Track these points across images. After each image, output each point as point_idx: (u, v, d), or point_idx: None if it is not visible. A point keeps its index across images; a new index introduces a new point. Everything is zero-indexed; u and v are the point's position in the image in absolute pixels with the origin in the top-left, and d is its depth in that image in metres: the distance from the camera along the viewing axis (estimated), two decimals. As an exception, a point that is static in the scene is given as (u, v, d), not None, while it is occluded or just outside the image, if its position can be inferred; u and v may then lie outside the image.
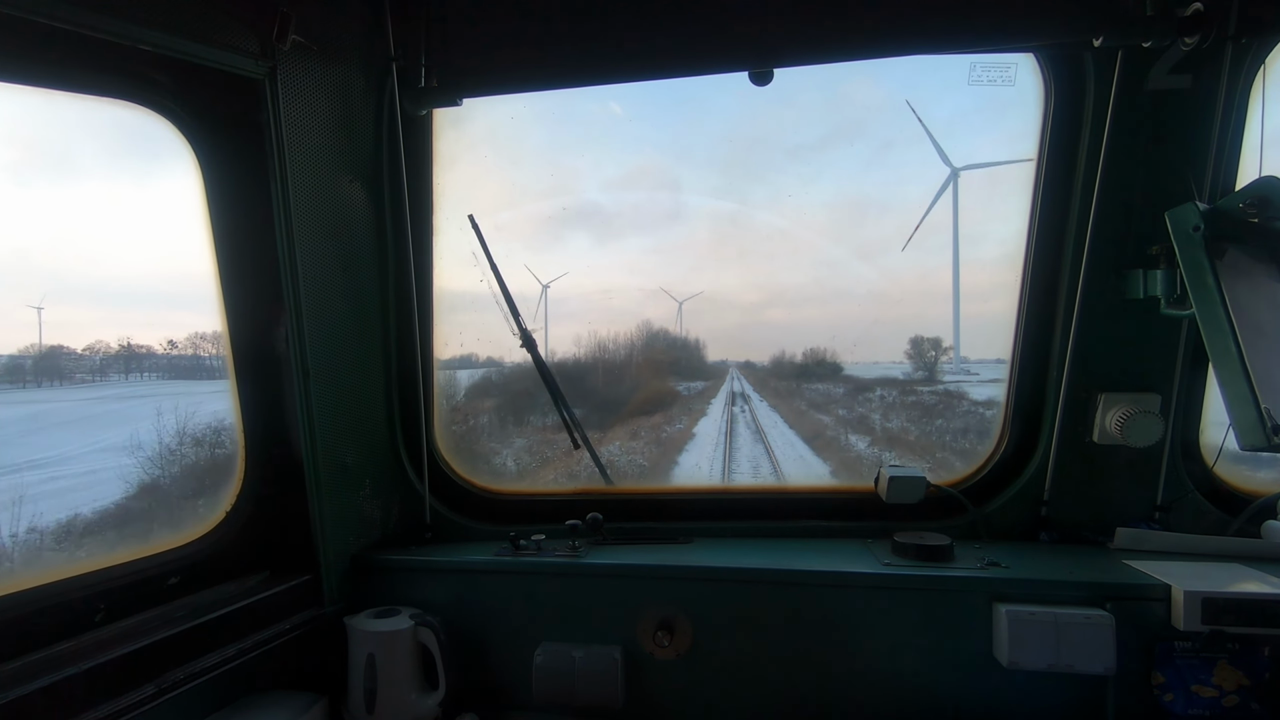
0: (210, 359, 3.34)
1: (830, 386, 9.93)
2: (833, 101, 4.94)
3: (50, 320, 3.16)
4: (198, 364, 3.45)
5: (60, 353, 3.87)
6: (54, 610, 1.47)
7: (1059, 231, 1.97)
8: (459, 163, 2.20)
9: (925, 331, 7.86)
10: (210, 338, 3.32)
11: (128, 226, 2.43)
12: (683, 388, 9.39)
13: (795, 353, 9.40)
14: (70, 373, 3.97)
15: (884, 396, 9.42)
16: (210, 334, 3.08)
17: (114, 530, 2.62)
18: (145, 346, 4.08)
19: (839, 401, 9.72)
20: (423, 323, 2.18)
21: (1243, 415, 1.49)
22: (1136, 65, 1.79)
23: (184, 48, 1.51)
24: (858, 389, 9.68)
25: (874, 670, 1.77)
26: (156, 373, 4.01)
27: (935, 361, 8.39)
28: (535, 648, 1.88)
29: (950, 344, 7.49)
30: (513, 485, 2.34)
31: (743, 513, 2.21)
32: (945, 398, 8.07)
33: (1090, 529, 1.99)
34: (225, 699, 1.68)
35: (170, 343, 3.57)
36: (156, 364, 4.02)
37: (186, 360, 3.57)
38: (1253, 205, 1.57)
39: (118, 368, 4.08)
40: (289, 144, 1.71)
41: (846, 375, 9.80)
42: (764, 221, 5.26)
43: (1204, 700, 1.60)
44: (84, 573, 1.55)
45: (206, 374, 3.37)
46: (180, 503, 2.56)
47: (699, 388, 9.78)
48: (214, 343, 3.15)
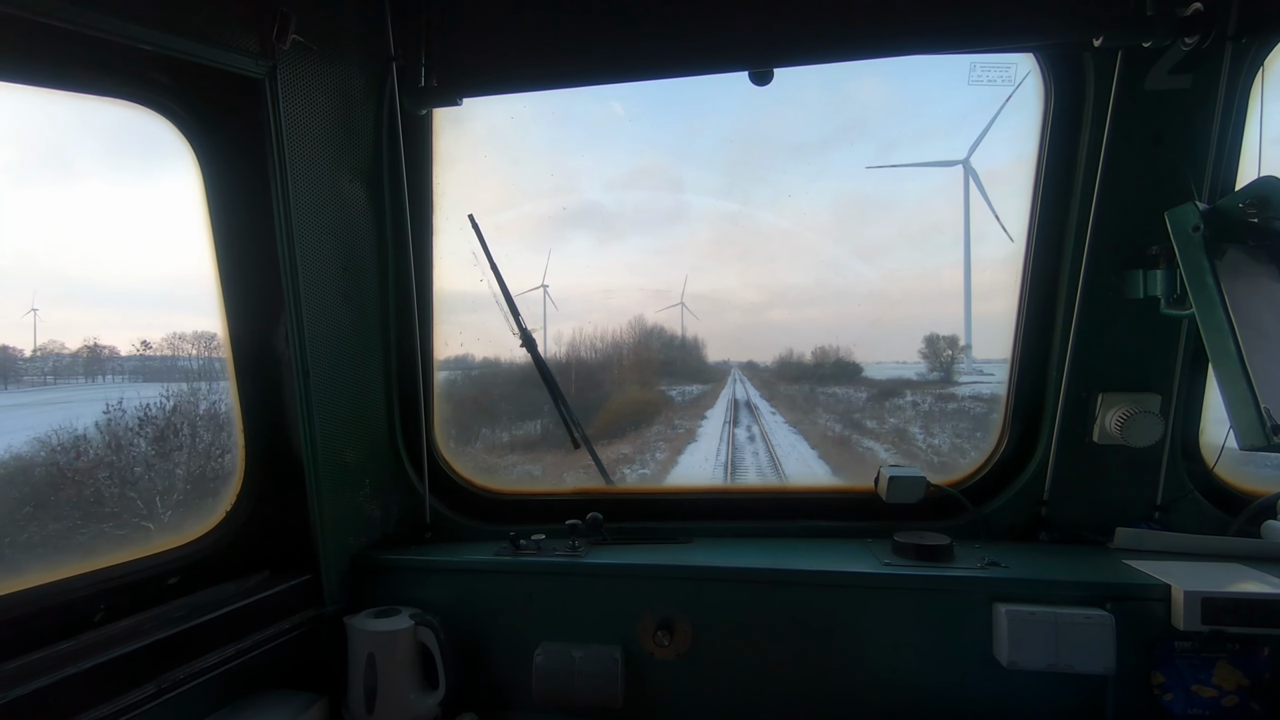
0: (190, 359, 3.20)
1: (849, 390, 8.56)
2: (835, 100, 4.94)
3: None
4: (172, 365, 3.31)
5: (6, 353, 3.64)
6: (54, 610, 1.47)
7: (1059, 231, 1.97)
8: (459, 162, 2.20)
9: (926, 330, 7.37)
10: (192, 338, 3.21)
11: (127, 226, 2.42)
12: (676, 393, 8.15)
13: (803, 351, 8.46)
14: (20, 374, 3.72)
15: (917, 403, 8.21)
16: (192, 334, 2.98)
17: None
18: (109, 347, 3.80)
19: (866, 410, 8.30)
20: (423, 323, 2.18)
21: (1243, 415, 1.49)
22: (1136, 65, 1.79)
23: (184, 47, 1.51)
24: (882, 393, 8.38)
25: (874, 670, 1.77)
26: (125, 375, 3.72)
27: (952, 361, 7.76)
28: (535, 648, 1.88)
29: (965, 342, 6.71)
30: (513, 485, 2.34)
31: (743, 513, 2.21)
32: (990, 404, 6.57)
33: (1090, 529, 1.99)
34: (225, 699, 1.68)
35: (143, 343, 3.39)
36: (123, 366, 3.72)
37: (157, 362, 3.39)
38: (1253, 205, 1.56)
39: (79, 370, 3.79)
40: (289, 144, 1.71)
41: (865, 377, 8.59)
42: (766, 221, 5.26)
43: (1204, 700, 1.60)
44: (84, 573, 1.55)
45: (182, 376, 3.26)
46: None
47: (694, 393, 8.47)
48: (195, 343, 3.07)
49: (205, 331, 3.15)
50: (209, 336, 3.17)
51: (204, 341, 3.16)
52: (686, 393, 8.48)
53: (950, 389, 7.77)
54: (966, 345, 6.55)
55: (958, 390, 7.61)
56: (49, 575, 1.50)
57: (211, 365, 3.30)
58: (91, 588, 1.54)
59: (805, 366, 8.69)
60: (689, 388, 8.54)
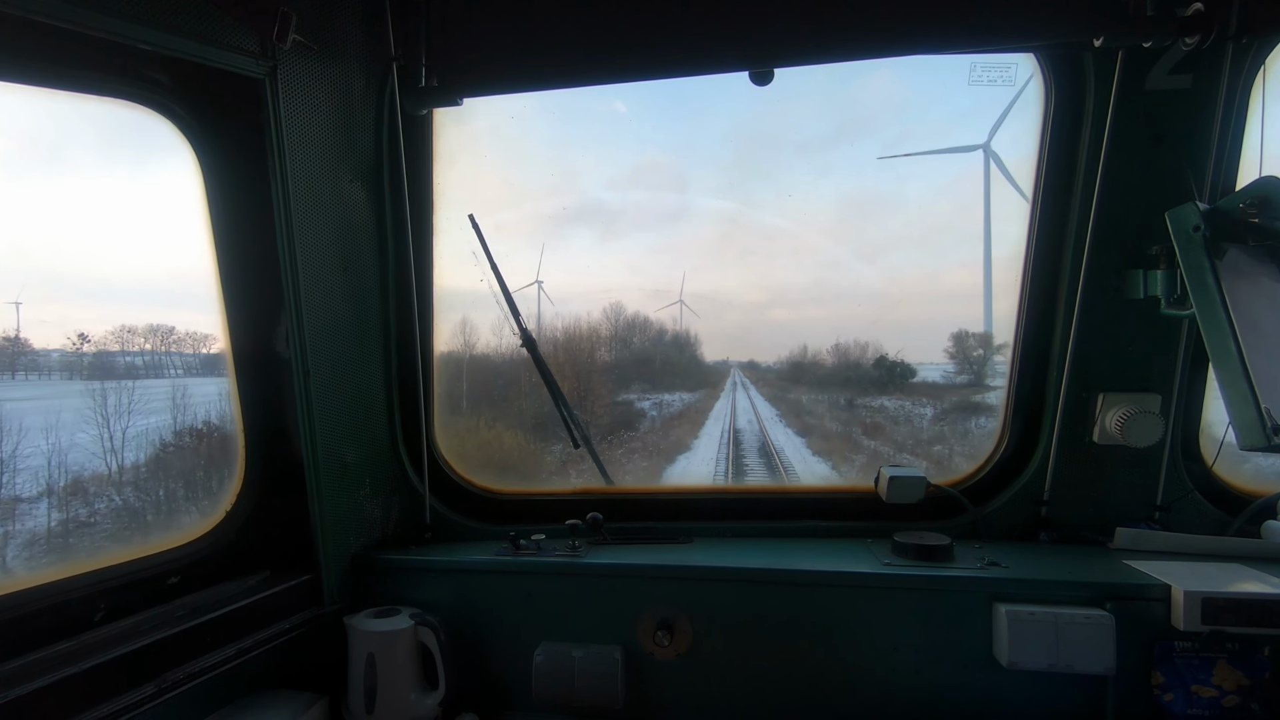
0: (134, 355, 2.99)
1: (906, 403, 5.70)
2: (838, 100, 4.90)
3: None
4: (111, 362, 3.09)
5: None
6: (54, 610, 1.47)
7: (1059, 231, 1.97)
8: (459, 162, 2.20)
9: (939, 328, 6.45)
10: (144, 332, 2.98)
11: (124, 224, 2.41)
12: (649, 405, 5.53)
13: (819, 349, 6.23)
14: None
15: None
16: (143, 328, 2.79)
17: None
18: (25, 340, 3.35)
19: (964, 438, 5.29)
20: (423, 322, 2.18)
21: (1243, 415, 1.49)
22: (1136, 65, 1.79)
23: (184, 47, 1.51)
24: (960, 408, 5.37)
25: (874, 670, 1.77)
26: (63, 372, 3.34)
27: (984, 361, 6.87)
28: (535, 647, 1.88)
29: (1000, 341, 6.19)
30: (513, 485, 2.34)
31: (743, 513, 2.21)
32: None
33: (1090, 529, 1.99)
34: (225, 699, 1.68)
35: (80, 336, 3.01)
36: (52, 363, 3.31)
37: (90, 359, 3.12)
38: (1253, 205, 1.56)
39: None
40: (289, 143, 1.71)
41: (925, 382, 5.95)
42: (768, 221, 5.22)
43: (1204, 700, 1.60)
44: (84, 572, 1.55)
45: (125, 373, 3.05)
46: None
47: (677, 406, 5.74)
48: (148, 337, 2.91)
49: (162, 324, 2.96)
50: (167, 329, 3.01)
51: (162, 335, 2.96)
52: (666, 406, 5.73)
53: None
54: (1002, 343, 5.96)
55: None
56: (49, 575, 1.50)
57: (163, 360, 3.13)
58: (91, 588, 1.55)
59: (831, 370, 6.38)
60: (669, 396, 5.78)
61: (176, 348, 3.18)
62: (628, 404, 5.14)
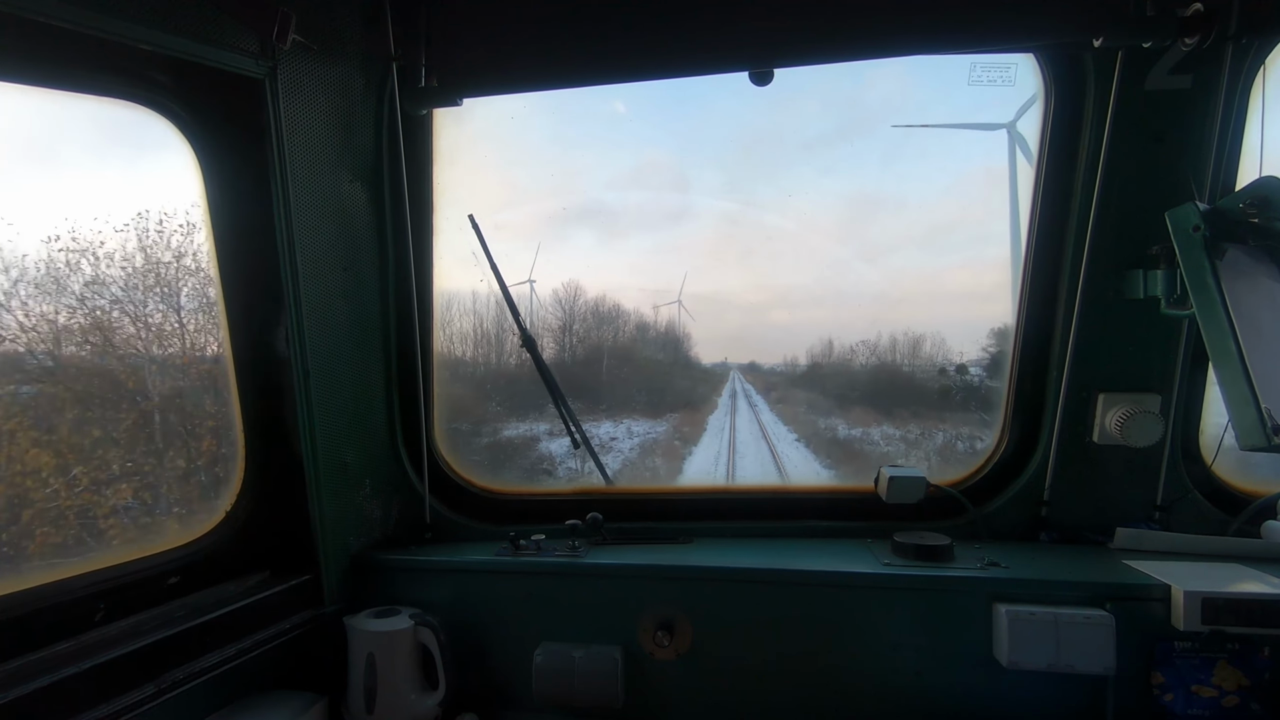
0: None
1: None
2: (839, 99, 4.88)
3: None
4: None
5: None
6: (54, 610, 1.47)
7: (1059, 231, 1.97)
8: (459, 162, 2.20)
9: (967, 328, 6.08)
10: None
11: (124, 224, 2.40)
12: (607, 432, 3.99)
13: (843, 346, 4.98)
14: None
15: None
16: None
17: None
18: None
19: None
20: (423, 323, 2.17)
21: (1243, 415, 1.49)
22: (1136, 65, 1.79)
23: (184, 48, 1.51)
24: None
25: (874, 670, 1.77)
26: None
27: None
28: (535, 648, 1.88)
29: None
30: (513, 485, 2.34)
31: (743, 513, 2.21)
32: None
33: (1090, 529, 1.99)
34: (225, 699, 1.68)
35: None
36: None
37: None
38: (1253, 205, 1.56)
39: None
40: (289, 144, 1.71)
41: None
42: (770, 221, 5.20)
43: (1204, 700, 1.60)
44: (84, 572, 1.54)
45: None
46: None
47: (649, 438, 4.01)
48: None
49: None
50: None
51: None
52: (636, 436, 3.88)
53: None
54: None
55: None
56: (49, 575, 1.50)
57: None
58: (91, 588, 1.54)
59: (867, 375, 4.89)
60: (641, 427, 3.97)
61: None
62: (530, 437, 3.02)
